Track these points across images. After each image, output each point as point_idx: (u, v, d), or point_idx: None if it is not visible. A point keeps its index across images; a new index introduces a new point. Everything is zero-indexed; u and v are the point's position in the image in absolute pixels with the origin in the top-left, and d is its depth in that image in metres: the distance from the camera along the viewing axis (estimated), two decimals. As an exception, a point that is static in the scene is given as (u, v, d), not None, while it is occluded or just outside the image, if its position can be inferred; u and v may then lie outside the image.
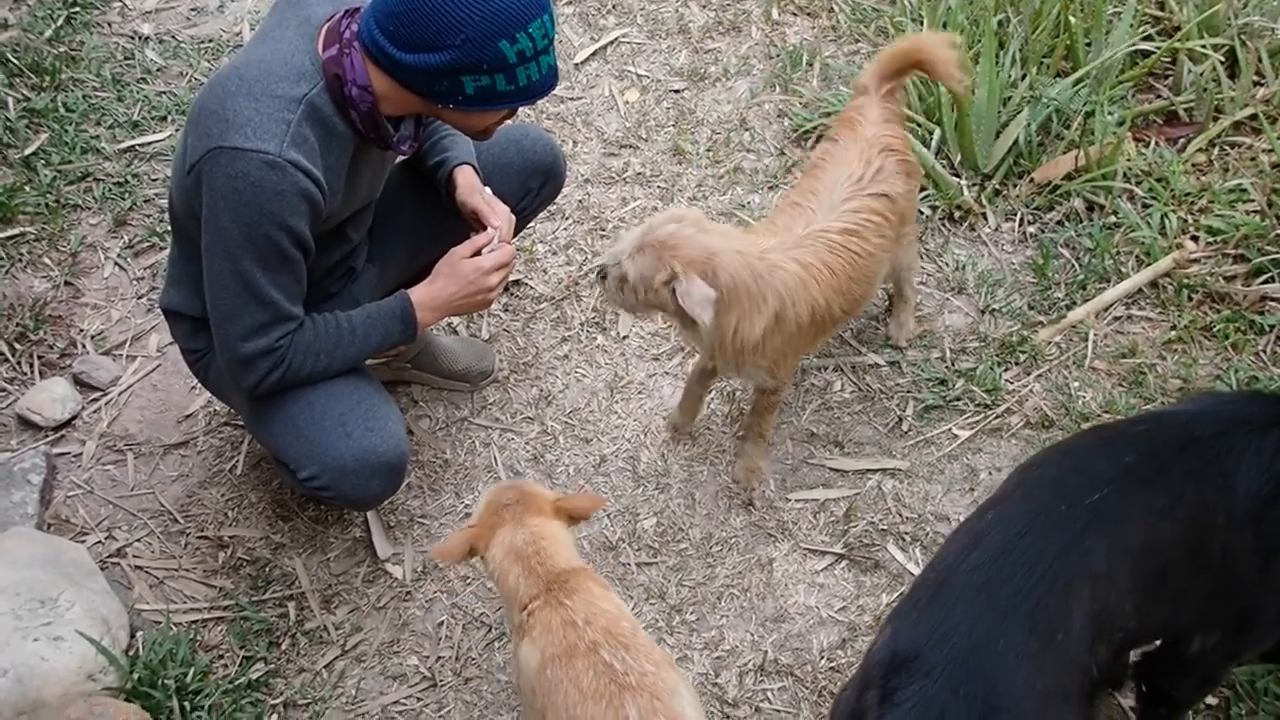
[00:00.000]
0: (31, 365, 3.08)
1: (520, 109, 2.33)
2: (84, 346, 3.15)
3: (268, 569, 2.72)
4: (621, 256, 2.36)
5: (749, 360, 2.47)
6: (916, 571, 2.65)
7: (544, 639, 1.92)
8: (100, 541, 2.76)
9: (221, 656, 2.56)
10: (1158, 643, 2.15)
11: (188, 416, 3.01)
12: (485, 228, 2.48)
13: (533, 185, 2.77)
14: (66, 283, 3.27)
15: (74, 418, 2.98)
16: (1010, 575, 1.73)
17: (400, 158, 2.58)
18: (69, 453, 2.93)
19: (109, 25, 4.04)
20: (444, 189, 2.57)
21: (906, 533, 2.74)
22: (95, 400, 3.03)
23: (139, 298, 3.27)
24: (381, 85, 2.13)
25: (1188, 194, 3.30)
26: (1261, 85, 3.51)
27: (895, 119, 2.70)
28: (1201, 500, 1.90)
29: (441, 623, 2.63)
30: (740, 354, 2.44)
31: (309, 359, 2.31)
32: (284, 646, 2.58)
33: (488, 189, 2.54)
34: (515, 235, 2.92)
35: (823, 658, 2.55)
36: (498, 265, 2.43)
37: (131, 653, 2.49)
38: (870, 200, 2.55)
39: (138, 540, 2.77)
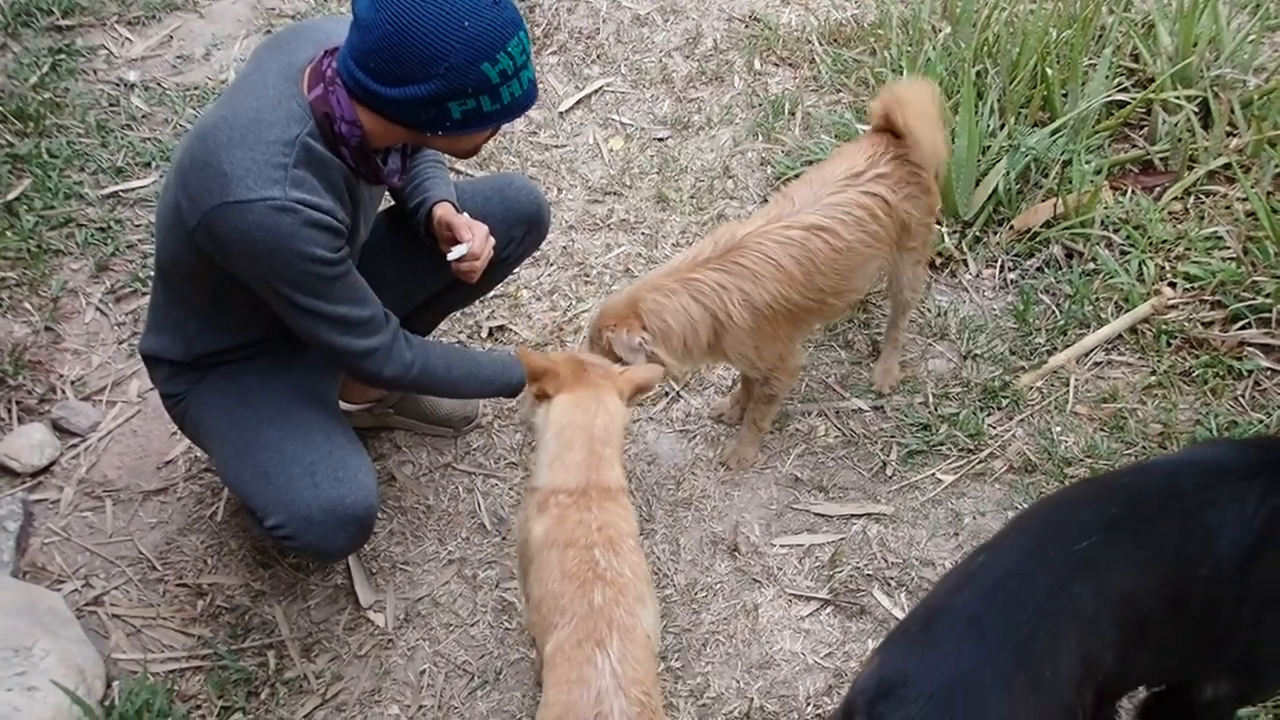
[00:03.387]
0: (10, 411, 3.05)
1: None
2: (64, 392, 3.12)
3: (247, 617, 2.68)
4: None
5: (719, 359, 2.68)
6: (902, 616, 2.64)
7: (556, 528, 2.09)
8: (77, 589, 2.72)
9: (199, 707, 2.51)
10: (1163, 688, 2.14)
11: (168, 463, 2.98)
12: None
13: (516, 234, 2.78)
14: (47, 328, 3.25)
15: (52, 464, 2.95)
16: (1000, 611, 1.74)
17: (383, 204, 2.59)
18: (46, 499, 2.89)
19: (94, 72, 4.06)
20: (423, 228, 2.58)
21: (891, 578, 2.73)
22: (74, 446, 3.00)
23: (120, 343, 3.25)
24: (367, 120, 2.14)
25: (1165, 241, 3.35)
26: (1234, 135, 3.57)
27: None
28: (1184, 552, 1.91)
29: (424, 671, 2.60)
30: (706, 357, 2.64)
31: (429, 357, 2.39)
32: (263, 696, 2.54)
33: (465, 214, 2.56)
34: (499, 282, 2.94)
35: (809, 704, 2.52)
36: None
37: (107, 703, 2.45)
38: (859, 195, 2.64)
39: (115, 588, 2.73)
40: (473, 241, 2.48)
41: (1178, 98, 3.59)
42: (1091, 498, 2.01)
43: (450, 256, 2.47)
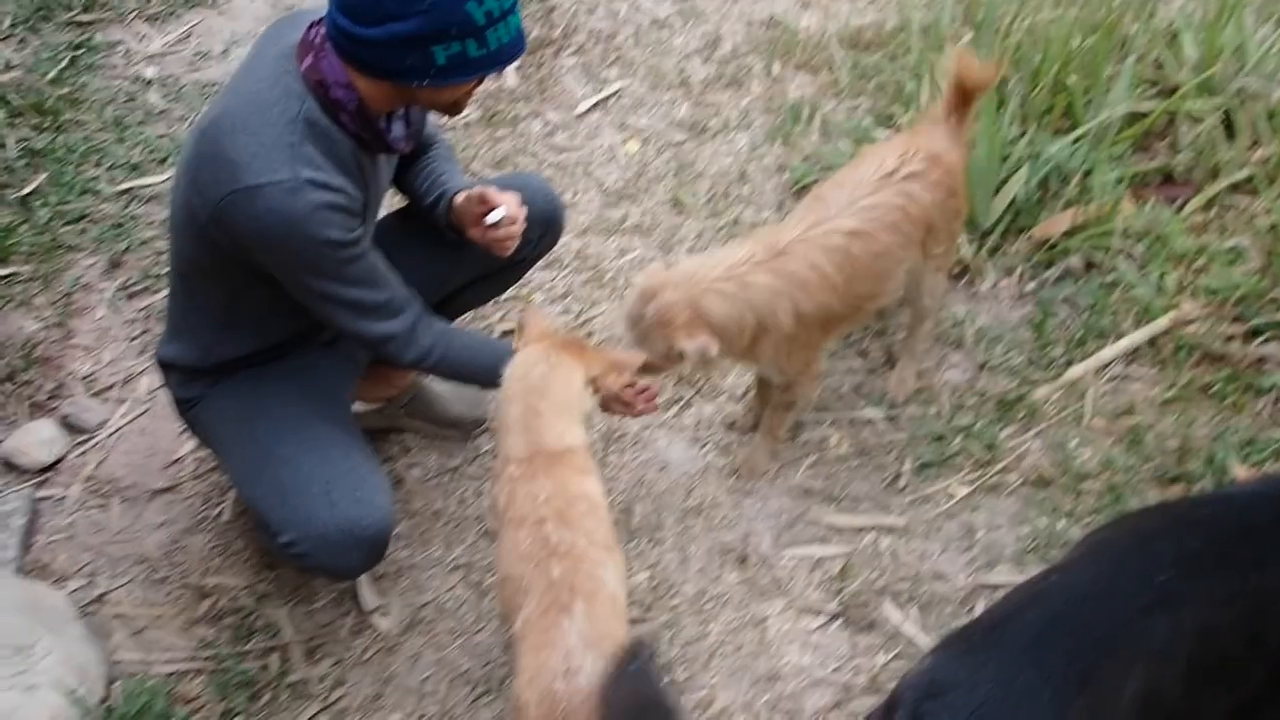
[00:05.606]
0: (19, 406, 3.04)
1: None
2: (73, 388, 3.11)
3: (251, 619, 2.66)
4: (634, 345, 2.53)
5: (748, 362, 2.67)
6: (913, 632, 2.60)
7: (510, 504, 2.12)
8: (80, 588, 2.71)
9: (200, 709, 2.49)
10: None
11: (175, 461, 2.97)
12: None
13: (531, 235, 2.74)
14: (58, 324, 3.25)
15: (60, 460, 2.94)
16: (1068, 634, 1.70)
17: (396, 204, 2.57)
18: (53, 496, 2.88)
19: (113, 68, 4.06)
20: (444, 220, 2.55)
21: (903, 592, 2.69)
22: (82, 443, 2.99)
23: (131, 340, 3.24)
24: (358, 82, 2.09)
25: (1185, 253, 3.30)
26: (1258, 147, 3.52)
27: (958, 144, 2.75)
28: (1262, 588, 1.86)
29: (427, 678, 2.58)
30: (738, 359, 2.64)
31: (449, 345, 2.40)
32: (265, 700, 2.52)
33: (493, 187, 2.52)
34: (513, 284, 2.92)
35: (816, 720, 2.49)
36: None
37: (108, 704, 2.43)
38: (892, 196, 2.59)
39: (119, 587, 2.72)
40: (509, 203, 2.45)
41: (1201, 108, 3.54)
42: (1169, 528, 1.96)
43: (489, 220, 2.44)
